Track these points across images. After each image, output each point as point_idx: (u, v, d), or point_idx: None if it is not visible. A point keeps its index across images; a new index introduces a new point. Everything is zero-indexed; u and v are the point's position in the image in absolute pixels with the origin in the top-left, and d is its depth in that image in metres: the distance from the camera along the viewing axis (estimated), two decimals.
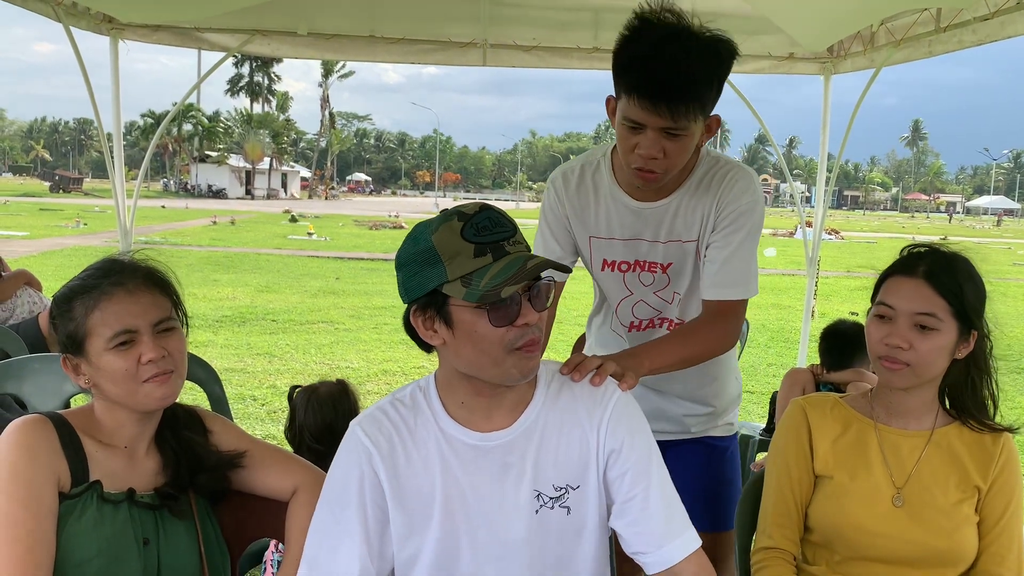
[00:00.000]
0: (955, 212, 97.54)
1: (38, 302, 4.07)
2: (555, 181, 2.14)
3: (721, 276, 1.98)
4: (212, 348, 8.11)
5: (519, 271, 1.35)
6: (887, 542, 1.72)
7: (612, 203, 2.06)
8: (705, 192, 1.99)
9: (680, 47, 1.70)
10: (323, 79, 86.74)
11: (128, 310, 1.55)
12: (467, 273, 1.36)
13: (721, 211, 1.98)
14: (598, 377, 1.57)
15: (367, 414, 1.53)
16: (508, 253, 1.38)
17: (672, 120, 1.74)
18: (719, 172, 2.00)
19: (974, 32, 3.72)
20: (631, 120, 1.79)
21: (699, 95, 1.75)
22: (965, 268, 1.73)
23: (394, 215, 37.91)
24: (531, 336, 1.41)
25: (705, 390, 2.21)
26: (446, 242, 1.37)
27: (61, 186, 60.28)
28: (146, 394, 1.56)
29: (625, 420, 1.53)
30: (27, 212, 31.11)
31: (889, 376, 1.73)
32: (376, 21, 4.77)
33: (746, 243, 1.99)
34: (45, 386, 2.32)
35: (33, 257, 15.47)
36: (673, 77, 1.70)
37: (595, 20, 4.72)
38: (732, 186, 1.98)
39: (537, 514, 1.48)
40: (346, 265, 17.33)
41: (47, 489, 1.47)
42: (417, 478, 1.47)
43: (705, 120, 1.82)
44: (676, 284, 2.11)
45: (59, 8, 4.04)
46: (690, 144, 1.83)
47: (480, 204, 1.43)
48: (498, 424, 1.49)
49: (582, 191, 2.09)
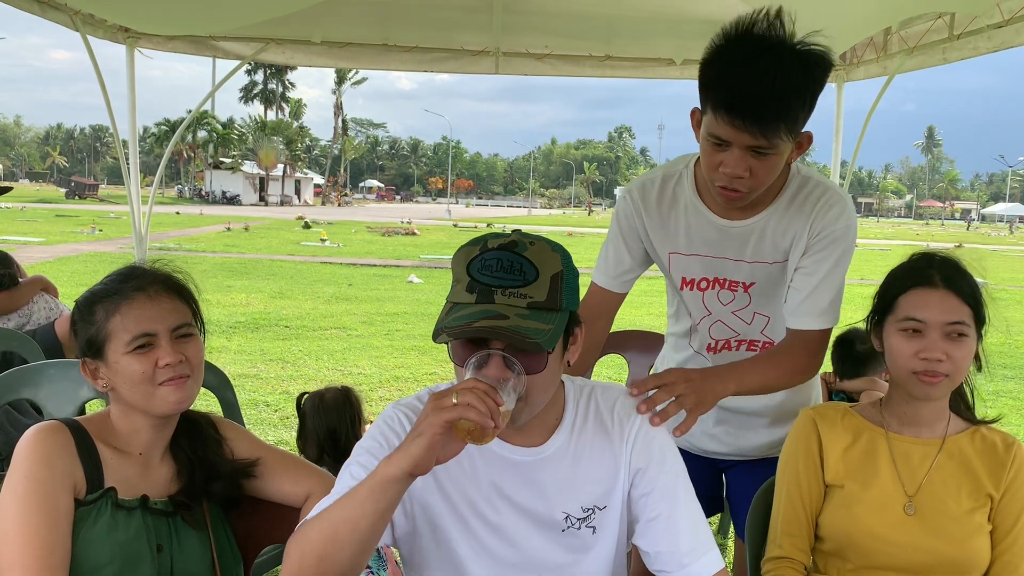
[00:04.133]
0: (971, 219, 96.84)
1: (54, 308, 4.10)
2: (632, 192, 2.04)
3: (808, 305, 1.90)
4: (226, 354, 8.14)
5: (464, 326, 1.28)
6: (899, 551, 1.71)
7: (695, 218, 1.97)
8: (797, 213, 1.90)
9: (771, 60, 1.60)
10: (336, 86, 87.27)
11: (147, 315, 1.57)
12: (455, 303, 1.35)
13: (815, 235, 1.89)
14: (658, 418, 1.53)
15: (409, 402, 1.52)
16: (492, 302, 1.30)
17: (760, 139, 1.65)
18: (813, 193, 1.90)
19: (988, 39, 3.70)
20: (716, 136, 1.70)
21: (789, 112, 1.64)
22: (966, 269, 1.74)
23: (407, 221, 38.00)
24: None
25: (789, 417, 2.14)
26: (457, 266, 1.37)
27: (77, 192, 60.67)
28: (162, 398, 1.58)
29: (653, 439, 1.52)
30: (43, 218, 31.34)
31: (928, 390, 1.70)
32: (389, 30, 4.79)
33: (836, 271, 1.90)
34: (61, 392, 2.34)
35: (49, 263, 15.59)
36: (762, 94, 1.60)
37: (607, 28, 4.73)
38: (827, 210, 1.88)
39: (563, 533, 1.48)
40: (359, 271, 17.37)
41: (63, 495, 1.49)
42: (447, 482, 1.47)
43: (795, 138, 1.72)
44: (757, 304, 2.04)
45: (76, 17, 4.09)
46: (778, 163, 1.74)
47: (510, 240, 1.36)
48: (532, 439, 1.48)
49: (663, 204, 2.00)
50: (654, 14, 4.47)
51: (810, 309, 1.90)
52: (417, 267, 18.20)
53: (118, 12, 4.35)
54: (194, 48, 4.89)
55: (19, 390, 2.39)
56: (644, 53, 4.93)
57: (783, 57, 1.61)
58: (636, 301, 11.61)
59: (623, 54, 4.94)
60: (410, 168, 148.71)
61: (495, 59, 4.96)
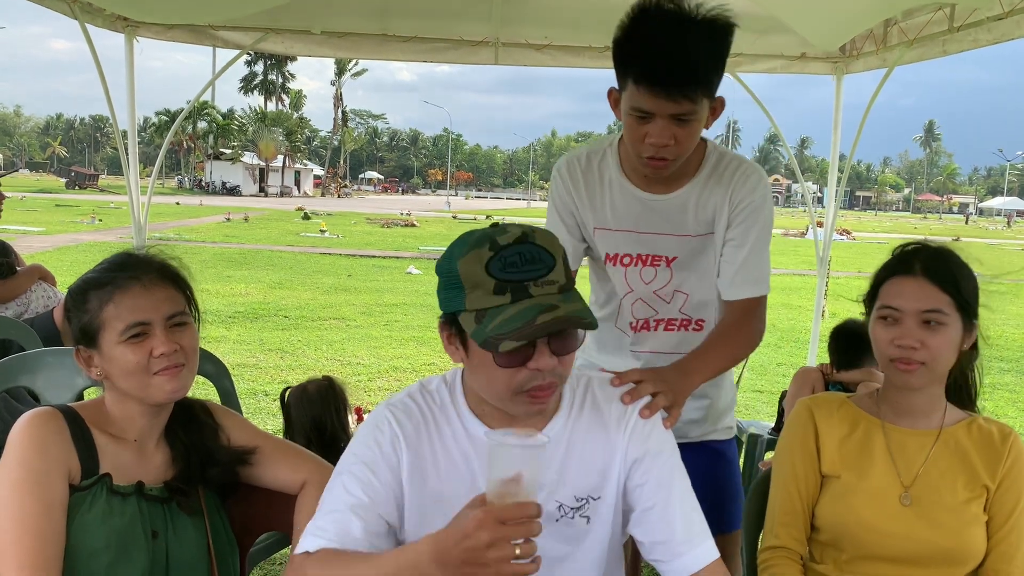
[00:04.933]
0: (970, 213, 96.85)
1: (52, 296, 4.10)
2: (560, 169, 2.11)
3: (743, 275, 1.98)
4: (225, 344, 8.15)
5: (525, 326, 1.28)
6: (895, 541, 1.71)
7: (620, 194, 2.03)
8: (716, 185, 1.99)
9: (682, 31, 1.69)
10: (336, 77, 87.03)
11: (141, 303, 1.56)
12: (482, 308, 1.31)
13: (735, 206, 1.98)
14: (647, 411, 1.54)
15: (398, 400, 1.51)
16: (530, 296, 1.31)
17: (681, 103, 1.73)
18: (730, 166, 2.00)
19: (988, 31, 3.69)
20: (639, 110, 1.77)
21: (705, 77, 1.74)
22: (957, 260, 1.74)
23: (406, 213, 37.98)
24: (539, 382, 1.35)
25: (703, 394, 2.16)
26: (470, 272, 1.32)
27: (77, 182, 60.57)
28: (157, 387, 1.58)
29: (650, 429, 1.52)
30: (43, 208, 31.30)
31: (905, 378, 1.72)
32: (388, 20, 4.78)
33: (762, 239, 1.99)
34: (58, 379, 2.34)
35: (48, 252, 15.58)
36: (679, 62, 1.69)
37: (607, 18, 4.63)
38: (744, 181, 1.98)
39: (557, 523, 1.48)
40: (358, 262, 17.37)
41: (57, 481, 1.49)
42: (439, 480, 1.46)
43: (711, 103, 1.80)
44: (678, 281, 2.08)
45: (75, 6, 4.08)
46: (699, 128, 1.82)
47: (521, 233, 1.35)
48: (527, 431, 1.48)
49: (589, 180, 2.07)
50: None
51: (745, 278, 1.99)
52: (416, 258, 18.19)
53: (116, 1, 4.34)
54: (193, 37, 4.88)
55: (16, 378, 2.39)
56: None
57: (692, 26, 1.70)
58: None
59: None
60: (410, 160, 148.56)
61: (494, 49, 4.95)
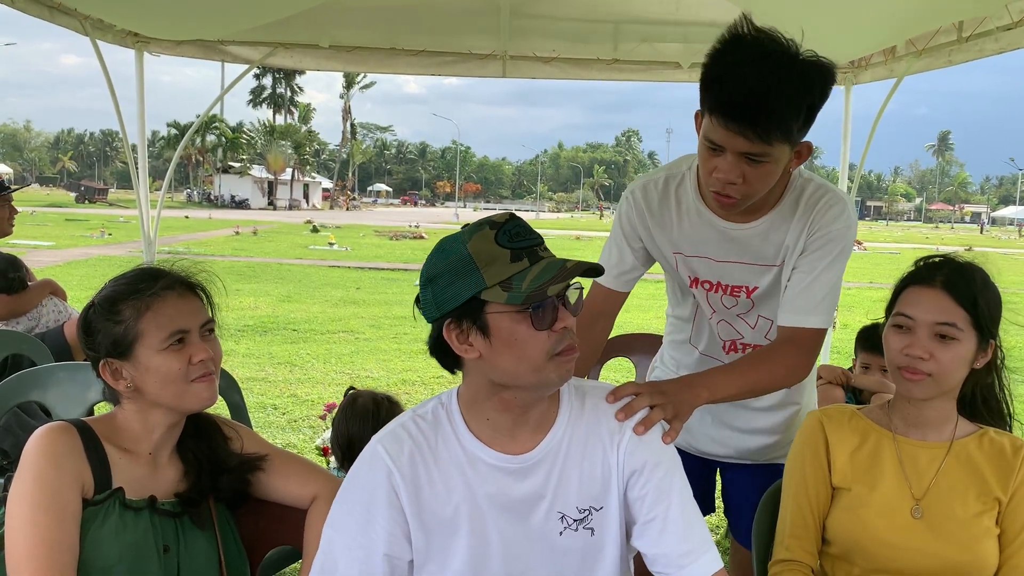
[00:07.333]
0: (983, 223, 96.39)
1: (63, 311, 4.12)
2: (635, 192, 2.03)
3: (801, 302, 1.87)
4: (234, 357, 8.16)
5: (560, 271, 1.35)
6: (906, 554, 1.70)
7: (698, 220, 1.96)
8: (799, 215, 1.89)
9: (768, 68, 1.57)
10: (345, 90, 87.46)
11: (181, 311, 1.61)
12: (507, 278, 1.35)
13: (812, 234, 1.87)
14: (641, 427, 1.51)
15: (389, 431, 1.50)
16: (543, 258, 1.39)
17: (752, 144, 1.63)
18: (814, 196, 1.89)
19: (996, 40, 3.69)
20: (711, 141, 1.69)
21: (783, 121, 1.61)
22: (981, 277, 1.72)
23: (415, 225, 38.06)
24: (569, 341, 1.41)
25: (793, 401, 2.14)
26: (482, 249, 1.37)
27: (87, 196, 60.86)
28: (195, 394, 1.60)
29: (646, 440, 1.51)
30: (53, 222, 31.48)
31: (909, 387, 1.71)
32: (397, 34, 4.82)
33: (831, 269, 1.87)
34: (69, 394, 2.35)
35: (58, 267, 15.66)
36: (756, 98, 1.58)
37: (615, 31, 4.74)
38: (827, 210, 1.87)
39: (561, 536, 1.47)
40: (367, 275, 17.40)
41: (71, 495, 1.49)
42: (439, 502, 1.45)
43: (793, 147, 1.70)
44: (760, 309, 2.02)
45: (86, 23, 4.12)
46: (773, 170, 1.71)
47: (507, 213, 1.44)
48: (522, 446, 1.47)
49: (665, 205, 1.99)
50: (661, 18, 4.48)
51: (802, 305, 1.87)
52: None
53: (127, 17, 4.38)
54: (203, 52, 4.93)
55: (28, 392, 2.41)
56: (651, 56, 4.94)
57: (783, 65, 1.59)
58: (644, 304, 11.58)
59: (630, 57, 4.95)
60: (418, 172, 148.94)
61: (502, 63, 4.98)
